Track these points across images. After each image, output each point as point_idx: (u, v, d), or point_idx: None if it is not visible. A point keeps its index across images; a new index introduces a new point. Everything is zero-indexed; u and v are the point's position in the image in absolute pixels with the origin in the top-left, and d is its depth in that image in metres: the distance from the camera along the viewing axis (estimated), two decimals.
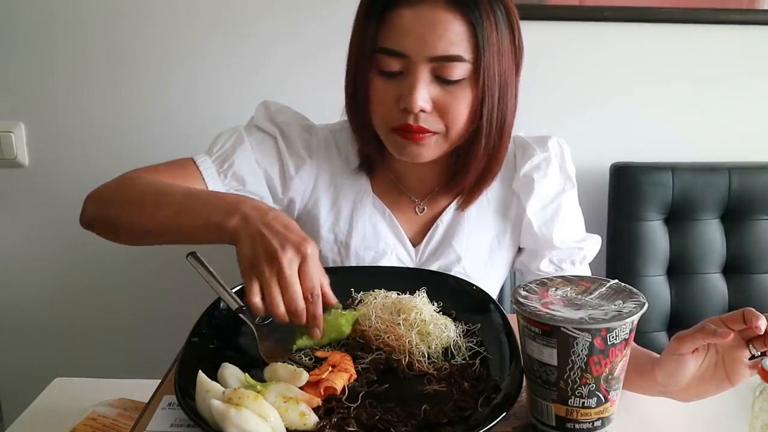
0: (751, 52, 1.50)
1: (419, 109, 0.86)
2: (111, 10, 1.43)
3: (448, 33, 0.84)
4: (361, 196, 1.02)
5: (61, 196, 1.53)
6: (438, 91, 0.87)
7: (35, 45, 1.45)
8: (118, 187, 0.88)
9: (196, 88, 1.47)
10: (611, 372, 0.60)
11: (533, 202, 0.99)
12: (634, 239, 1.45)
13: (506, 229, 1.03)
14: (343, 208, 1.02)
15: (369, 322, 0.75)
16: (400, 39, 0.85)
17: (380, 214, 1.02)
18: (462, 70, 0.86)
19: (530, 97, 1.49)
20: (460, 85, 0.87)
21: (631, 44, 1.48)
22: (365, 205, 1.02)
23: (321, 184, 1.02)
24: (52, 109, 1.49)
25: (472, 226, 1.02)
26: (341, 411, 0.61)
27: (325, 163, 1.02)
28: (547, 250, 1.01)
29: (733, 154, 1.52)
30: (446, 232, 1.02)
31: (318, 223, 1.02)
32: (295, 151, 1.00)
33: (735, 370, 0.66)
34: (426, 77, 0.86)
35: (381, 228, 1.01)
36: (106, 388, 1.02)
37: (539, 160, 1.00)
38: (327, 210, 1.02)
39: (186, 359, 0.68)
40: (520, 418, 0.65)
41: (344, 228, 1.01)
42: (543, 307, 0.62)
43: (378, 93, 0.89)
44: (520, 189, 1.01)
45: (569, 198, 1.02)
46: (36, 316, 1.61)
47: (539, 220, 0.99)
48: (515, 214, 1.03)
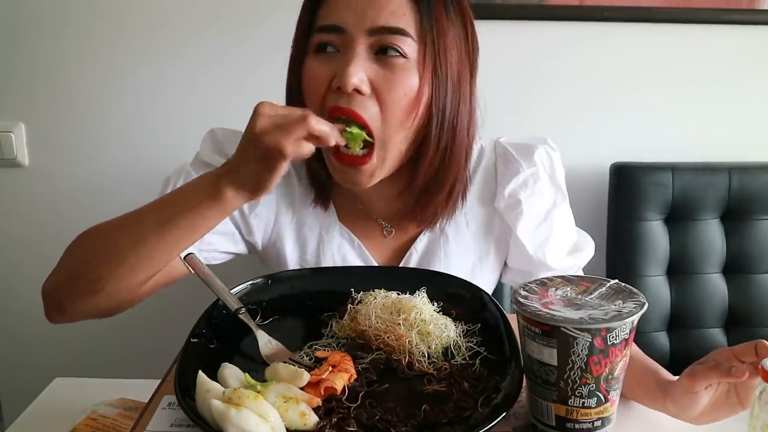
0: (751, 52, 1.50)
1: (353, 88, 0.76)
2: (111, 10, 1.43)
3: (390, 5, 0.77)
4: (326, 227, 0.95)
5: (61, 196, 1.53)
6: (376, 70, 0.78)
7: (35, 45, 1.45)
8: (72, 253, 0.79)
9: (196, 87, 1.47)
10: (611, 372, 0.60)
11: (524, 223, 0.92)
12: (634, 239, 1.44)
13: (489, 251, 0.96)
14: (308, 240, 0.95)
15: (369, 322, 0.75)
16: (336, 12, 0.78)
17: (348, 243, 0.95)
18: (405, 46, 0.78)
19: (530, 97, 1.51)
20: (403, 67, 0.78)
21: (631, 44, 1.48)
22: (332, 237, 0.95)
23: (282, 218, 0.95)
24: (52, 109, 1.49)
25: (451, 252, 0.94)
26: (341, 411, 0.61)
27: (285, 194, 0.95)
28: (542, 270, 0.94)
29: (733, 154, 1.52)
30: (421, 260, 0.95)
31: (284, 258, 0.95)
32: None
33: (747, 396, 0.66)
34: (363, 52, 0.77)
35: (350, 258, 0.95)
36: (106, 388, 1.02)
37: (525, 177, 0.92)
38: (292, 245, 0.95)
39: (186, 359, 0.68)
40: (520, 418, 0.65)
41: (312, 261, 0.95)
42: (543, 307, 0.62)
43: (311, 73, 0.80)
44: (504, 210, 0.93)
45: (561, 211, 0.95)
46: (36, 316, 1.61)
47: (533, 243, 0.92)
48: (498, 234, 0.95)
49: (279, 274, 0.89)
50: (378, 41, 0.78)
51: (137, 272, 0.76)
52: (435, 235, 0.95)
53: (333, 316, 0.80)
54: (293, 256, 0.96)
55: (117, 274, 0.75)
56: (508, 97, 1.47)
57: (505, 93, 1.46)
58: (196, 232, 0.74)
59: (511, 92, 1.48)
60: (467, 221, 0.95)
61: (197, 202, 0.72)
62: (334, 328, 0.78)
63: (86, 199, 1.52)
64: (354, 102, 0.78)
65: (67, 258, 0.80)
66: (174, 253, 0.76)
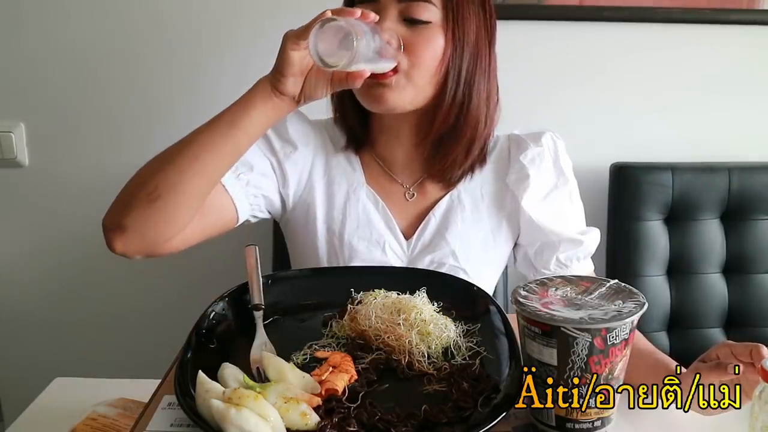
0: (751, 52, 1.50)
1: (386, 40, 0.87)
2: (111, 10, 1.43)
3: None
4: (354, 187, 1.03)
5: (61, 196, 1.53)
6: (405, 30, 0.91)
7: (35, 45, 1.45)
8: (131, 178, 0.86)
9: (197, 87, 1.47)
10: (611, 372, 0.60)
11: (530, 194, 1.00)
12: (634, 239, 1.44)
13: (501, 224, 1.03)
14: (336, 197, 1.03)
15: (369, 322, 0.75)
16: None
17: (373, 204, 1.02)
18: (430, 13, 0.91)
19: (530, 97, 1.51)
20: (428, 28, 0.91)
21: (630, 44, 1.48)
22: (359, 196, 1.02)
23: (315, 172, 1.03)
24: (52, 109, 1.49)
25: (467, 220, 1.02)
26: (342, 411, 0.61)
27: (320, 151, 1.04)
28: (552, 243, 1.00)
29: (733, 154, 1.51)
30: (440, 225, 1.02)
31: (313, 211, 1.02)
32: (285, 138, 1.01)
33: (749, 389, 0.68)
34: (394, 16, 0.91)
35: (374, 219, 1.01)
36: (106, 388, 1.02)
37: (533, 154, 1.01)
38: (321, 199, 1.02)
39: (186, 359, 0.68)
40: (520, 418, 0.65)
41: (338, 218, 1.02)
42: (543, 307, 0.62)
43: None
44: (514, 183, 1.01)
45: (563, 193, 1.02)
46: (36, 315, 1.61)
47: (539, 213, 1.00)
48: (510, 209, 1.03)
49: (279, 274, 0.90)
50: (406, 8, 0.91)
51: (188, 176, 0.82)
52: (453, 203, 1.03)
53: (333, 316, 0.80)
54: (321, 211, 1.02)
55: (170, 181, 0.82)
56: (508, 97, 1.45)
57: (504, 93, 1.45)
58: (237, 127, 0.84)
59: (511, 92, 1.47)
60: (482, 194, 1.03)
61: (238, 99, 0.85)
62: (334, 328, 0.78)
63: (86, 199, 1.52)
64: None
65: (127, 182, 0.86)
66: (221, 151, 0.84)
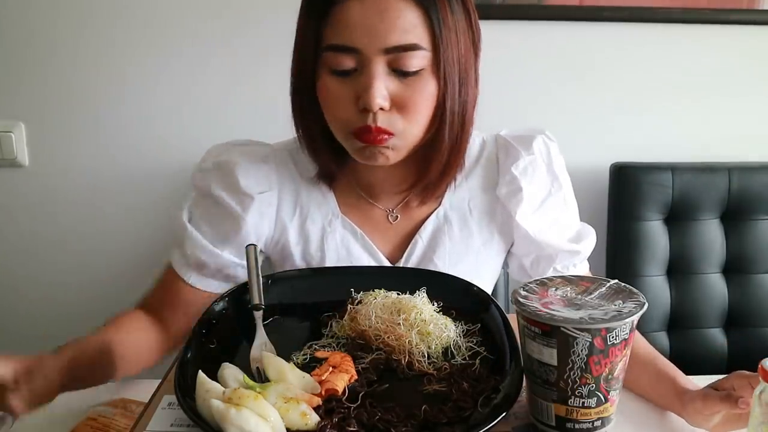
0: (751, 52, 1.50)
1: (378, 107, 0.79)
2: (112, 10, 1.43)
3: (401, 21, 0.78)
4: (329, 219, 0.96)
5: (61, 196, 1.53)
6: (396, 85, 0.80)
7: (35, 45, 1.45)
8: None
9: (196, 87, 1.47)
10: (611, 372, 0.60)
11: (524, 208, 0.94)
12: (634, 239, 1.44)
13: (492, 237, 0.98)
14: (311, 233, 0.95)
15: (369, 322, 0.75)
16: (350, 33, 0.78)
17: (351, 234, 0.95)
18: (420, 60, 0.79)
19: (530, 97, 1.51)
20: (420, 76, 0.81)
21: (630, 44, 1.48)
22: (335, 228, 0.95)
23: (284, 212, 0.96)
24: (52, 109, 1.49)
25: (455, 239, 0.96)
26: (342, 411, 0.61)
27: (286, 187, 0.96)
28: (549, 255, 0.96)
29: (733, 154, 1.52)
30: (426, 248, 0.96)
31: (288, 251, 0.96)
32: (239, 192, 0.93)
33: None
34: (382, 71, 0.79)
35: (354, 250, 0.95)
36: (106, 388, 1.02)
37: (525, 164, 0.95)
38: (295, 238, 0.96)
39: (186, 359, 0.68)
40: (520, 418, 0.65)
41: (316, 255, 0.95)
42: (543, 307, 0.62)
43: (332, 95, 0.82)
44: (506, 197, 0.95)
45: (557, 199, 0.98)
46: (36, 316, 1.61)
47: (534, 226, 0.95)
48: (501, 221, 0.97)
49: (279, 274, 0.89)
50: (394, 59, 0.79)
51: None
52: (440, 223, 0.96)
53: (333, 316, 0.80)
54: (297, 250, 0.96)
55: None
56: (508, 97, 1.47)
57: (504, 93, 1.46)
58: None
59: (511, 92, 1.48)
60: (470, 208, 0.97)
61: None
62: (334, 328, 0.78)
63: (86, 199, 1.52)
64: (379, 118, 0.81)
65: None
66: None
